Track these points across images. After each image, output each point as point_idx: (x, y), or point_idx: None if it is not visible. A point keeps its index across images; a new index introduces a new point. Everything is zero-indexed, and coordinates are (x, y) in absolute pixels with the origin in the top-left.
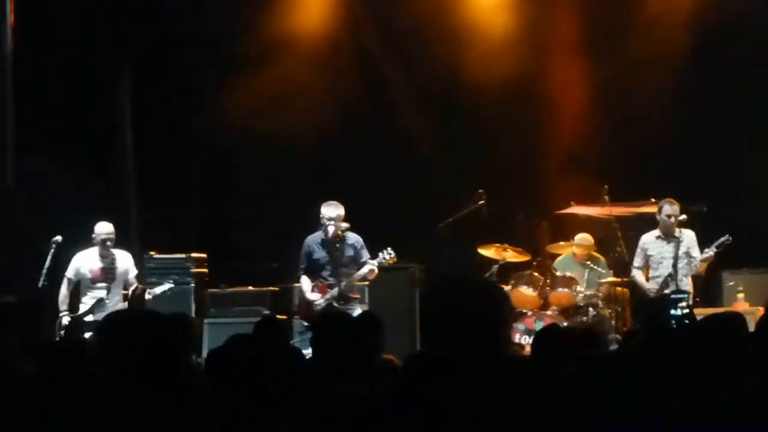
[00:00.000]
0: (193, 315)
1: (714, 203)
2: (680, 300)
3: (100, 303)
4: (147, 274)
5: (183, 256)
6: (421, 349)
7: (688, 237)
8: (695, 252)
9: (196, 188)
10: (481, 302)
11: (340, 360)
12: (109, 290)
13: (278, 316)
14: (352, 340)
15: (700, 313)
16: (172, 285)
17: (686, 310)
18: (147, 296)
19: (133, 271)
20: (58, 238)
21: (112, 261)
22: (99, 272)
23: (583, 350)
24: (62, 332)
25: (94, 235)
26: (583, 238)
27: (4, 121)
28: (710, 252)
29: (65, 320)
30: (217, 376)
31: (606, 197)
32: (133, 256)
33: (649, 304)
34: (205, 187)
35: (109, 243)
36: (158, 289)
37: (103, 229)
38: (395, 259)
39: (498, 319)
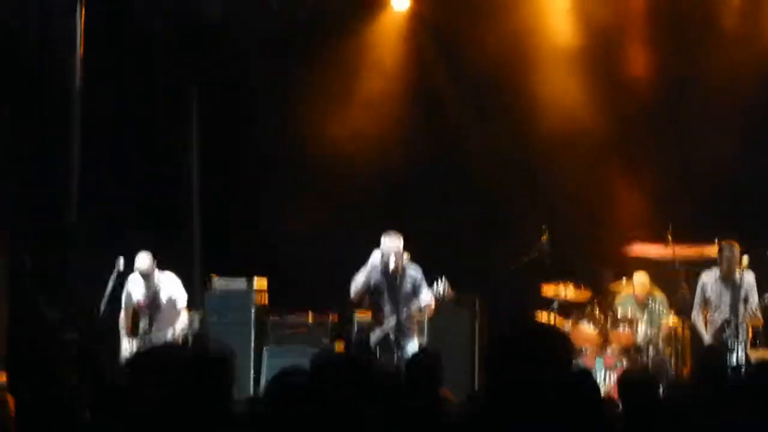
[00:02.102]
0: (253, 344)
1: None
2: (735, 348)
3: (143, 334)
4: (209, 311)
5: (244, 287)
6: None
7: (748, 280)
8: (753, 297)
9: (258, 212)
10: (548, 353)
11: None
12: (151, 321)
13: (337, 345)
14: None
15: (761, 355)
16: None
17: (742, 359)
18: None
19: (181, 300)
20: (120, 264)
21: (156, 290)
22: (143, 301)
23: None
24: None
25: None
26: (640, 277)
27: (72, 158)
28: (763, 302)
29: (124, 342)
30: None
31: (669, 237)
32: (195, 280)
33: (704, 353)
34: (267, 211)
35: (143, 275)
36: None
37: (138, 263)
38: (452, 291)
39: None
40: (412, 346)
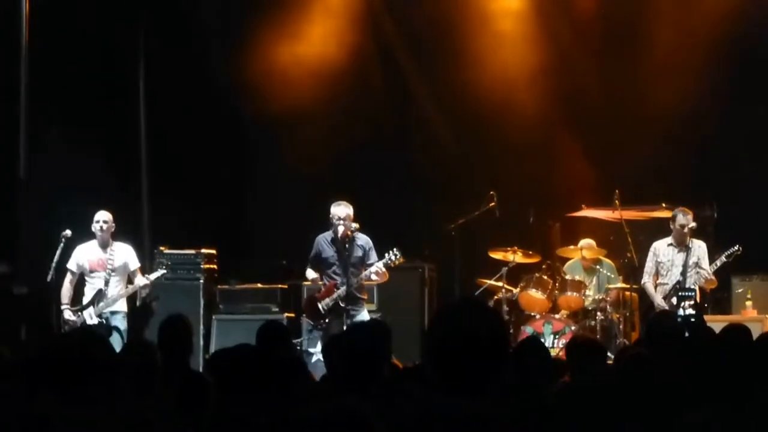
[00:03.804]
0: (202, 311)
1: (725, 208)
2: (686, 298)
3: (99, 294)
4: (157, 268)
5: (193, 251)
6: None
7: (700, 248)
8: (705, 264)
9: (209, 185)
10: (485, 332)
11: (348, 373)
12: (107, 281)
13: (287, 314)
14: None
15: (709, 319)
16: (165, 271)
17: (691, 310)
18: (144, 282)
19: (134, 263)
20: (68, 232)
21: (111, 252)
22: (97, 262)
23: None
24: (65, 326)
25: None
26: (587, 243)
27: (18, 113)
28: (718, 263)
29: (66, 314)
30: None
31: (617, 201)
32: (144, 252)
33: (655, 317)
34: (218, 184)
35: (101, 231)
36: (152, 276)
37: (98, 216)
38: (403, 260)
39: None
40: (362, 315)
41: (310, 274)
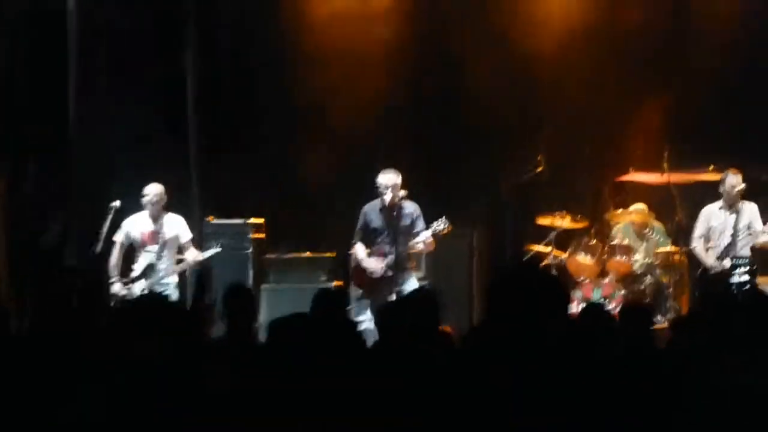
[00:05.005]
0: (251, 281)
1: None
2: (739, 266)
3: (150, 267)
4: (206, 239)
5: (241, 221)
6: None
7: (751, 209)
8: (757, 224)
9: (258, 152)
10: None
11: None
12: (159, 255)
13: (335, 283)
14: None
15: (762, 281)
16: (220, 249)
17: (745, 277)
18: (199, 258)
19: (185, 236)
20: (117, 203)
21: (162, 225)
22: (149, 236)
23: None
24: (113, 299)
25: (142, 196)
26: (639, 207)
27: (67, 81)
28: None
29: (116, 287)
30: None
31: (665, 164)
32: (193, 220)
33: (707, 279)
34: (266, 150)
35: (152, 204)
36: (207, 253)
37: (149, 189)
38: (450, 228)
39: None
40: (411, 284)
41: (359, 249)
